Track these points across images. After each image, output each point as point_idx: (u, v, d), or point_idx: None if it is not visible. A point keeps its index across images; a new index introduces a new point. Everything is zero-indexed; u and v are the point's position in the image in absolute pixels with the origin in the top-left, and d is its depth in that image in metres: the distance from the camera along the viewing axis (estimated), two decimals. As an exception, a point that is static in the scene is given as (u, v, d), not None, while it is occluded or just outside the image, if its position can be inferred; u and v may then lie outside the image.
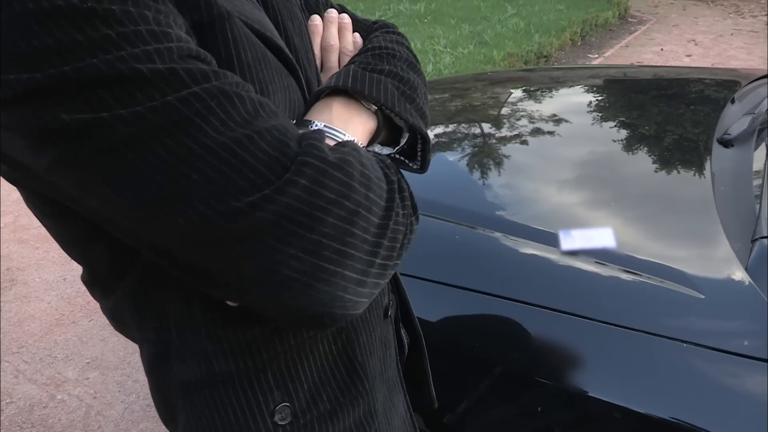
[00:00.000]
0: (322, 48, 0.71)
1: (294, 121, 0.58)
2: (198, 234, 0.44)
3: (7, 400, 2.16)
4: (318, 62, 0.71)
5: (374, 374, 0.73)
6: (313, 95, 0.62)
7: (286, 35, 0.65)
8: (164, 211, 0.44)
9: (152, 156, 0.42)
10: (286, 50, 0.59)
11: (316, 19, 0.72)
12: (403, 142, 0.66)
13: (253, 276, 0.47)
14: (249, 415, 0.63)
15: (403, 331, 0.90)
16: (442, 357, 1.10)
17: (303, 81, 0.62)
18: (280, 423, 0.64)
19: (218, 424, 0.64)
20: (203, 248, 0.46)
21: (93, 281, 0.64)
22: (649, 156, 1.56)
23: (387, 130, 0.65)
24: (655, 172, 1.48)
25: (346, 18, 0.74)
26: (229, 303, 0.56)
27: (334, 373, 0.68)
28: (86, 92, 0.41)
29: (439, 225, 1.31)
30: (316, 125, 0.58)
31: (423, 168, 0.67)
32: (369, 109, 0.62)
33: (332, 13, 0.73)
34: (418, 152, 0.67)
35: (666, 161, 1.52)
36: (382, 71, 0.64)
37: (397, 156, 0.67)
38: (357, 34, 0.74)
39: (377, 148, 0.65)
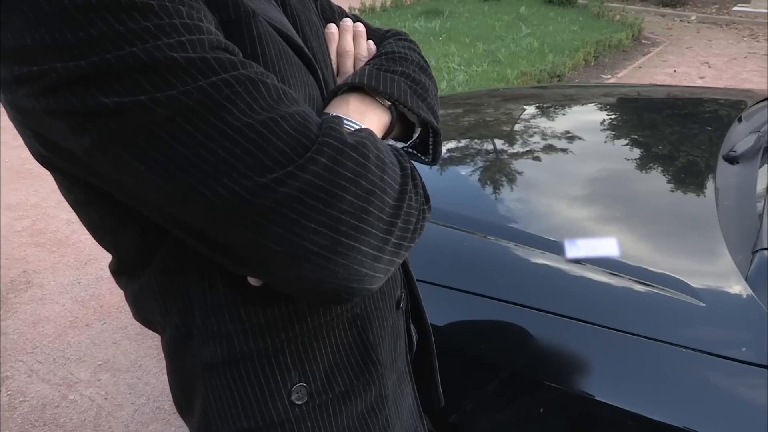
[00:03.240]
0: (339, 54, 0.75)
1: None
2: (225, 208, 0.48)
3: (21, 399, 2.19)
4: (334, 67, 0.74)
5: (385, 361, 0.75)
6: (331, 92, 0.66)
7: (305, 38, 0.69)
8: (195, 187, 0.47)
9: (185, 136, 0.46)
10: (306, 49, 0.63)
11: (332, 27, 0.76)
12: (415, 136, 0.71)
13: (276, 249, 0.50)
14: (267, 394, 0.66)
15: (412, 327, 0.92)
16: (449, 359, 1.12)
17: (321, 79, 0.66)
18: (296, 402, 0.67)
19: (237, 404, 0.66)
20: (230, 223, 0.49)
21: (120, 268, 0.67)
22: (657, 172, 1.59)
23: (400, 126, 0.70)
24: (662, 187, 1.52)
25: (360, 26, 0.78)
26: (252, 282, 0.58)
27: (349, 357, 0.71)
28: (126, 78, 0.45)
29: (449, 233, 1.34)
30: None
31: (434, 160, 0.72)
32: (383, 104, 0.66)
33: (348, 21, 0.78)
34: (429, 146, 0.72)
35: (673, 177, 1.55)
36: (395, 71, 0.69)
37: (410, 149, 0.72)
38: (371, 42, 0.78)
39: (390, 142, 0.69)
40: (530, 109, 2.24)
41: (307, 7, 0.73)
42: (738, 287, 1.10)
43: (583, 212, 1.43)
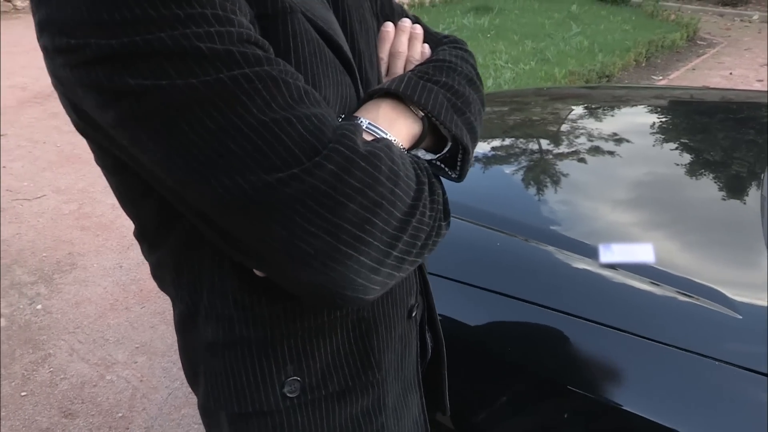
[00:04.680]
0: (390, 54, 0.74)
1: (343, 116, 0.61)
2: (230, 201, 0.49)
3: (62, 376, 2.25)
4: (384, 67, 0.74)
5: (388, 369, 0.75)
6: (367, 94, 0.65)
7: (352, 37, 0.68)
8: (203, 175, 0.48)
9: (198, 124, 0.47)
10: (346, 49, 0.63)
11: (389, 26, 0.75)
12: (445, 150, 0.68)
13: (276, 248, 0.50)
14: (260, 382, 0.67)
15: (428, 335, 0.91)
16: (474, 359, 1.13)
17: (359, 80, 0.66)
18: (288, 395, 0.68)
19: (231, 387, 0.68)
20: (235, 215, 0.50)
21: (142, 237, 0.69)
22: (705, 178, 1.54)
23: (433, 138, 0.67)
24: (708, 194, 1.46)
25: (418, 29, 0.77)
26: (257, 273, 0.59)
27: (348, 358, 0.70)
28: (152, 61, 0.46)
29: (484, 232, 1.32)
30: (362, 121, 0.60)
31: (460, 177, 0.69)
32: (416, 114, 0.64)
33: (406, 22, 0.76)
34: (458, 162, 0.69)
35: (721, 184, 1.50)
36: (437, 82, 0.67)
37: (438, 163, 0.69)
38: (426, 45, 0.77)
39: (421, 153, 0.67)
40: (577, 110, 2.19)
41: (362, 5, 0.72)
42: None
43: (624, 217, 1.39)
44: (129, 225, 2.98)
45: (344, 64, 0.63)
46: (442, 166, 0.69)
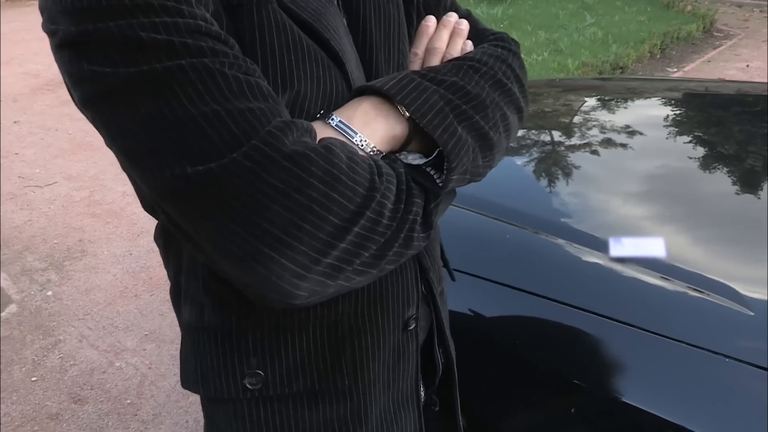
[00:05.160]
0: (427, 49, 0.71)
1: (322, 112, 0.59)
2: (162, 190, 0.50)
3: (71, 362, 2.27)
4: (419, 63, 0.71)
5: (373, 380, 0.72)
6: (354, 90, 0.62)
7: (364, 29, 0.66)
8: (139, 164, 0.51)
9: (133, 113, 0.48)
10: (335, 43, 0.60)
11: (430, 20, 0.72)
12: (433, 155, 0.62)
13: (203, 240, 0.51)
14: (222, 370, 0.68)
15: (439, 352, 0.86)
16: (482, 350, 1.12)
17: (351, 75, 0.62)
18: (249, 387, 0.68)
19: (198, 369, 0.70)
20: (167, 203, 0.51)
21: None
22: (718, 172, 1.52)
23: (424, 141, 0.62)
24: (722, 188, 1.44)
25: (463, 24, 0.73)
26: None
27: (318, 361, 0.68)
28: (101, 49, 0.48)
29: (493, 224, 1.31)
30: (332, 120, 0.58)
31: (442, 187, 0.61)
32: (403, 114, 0.60)
33: (451, 17, 0.73)
34: (444, 169, 0.61)
35: (735, 178, 1.48)
36: (441, 81, 0.62)
37: (429, 169, 0.62)
38: (469, 42, 0.73)
39: (410, 156, 0.62)
40: (590, 102, 2.16)
41: None
42: None
43: (636, 210, 1.37)
44: (139, 212, 2.99)
45: (334, 59, 0.60)
46: (432, 173, 0.61)
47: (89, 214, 3.30)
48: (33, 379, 2.20)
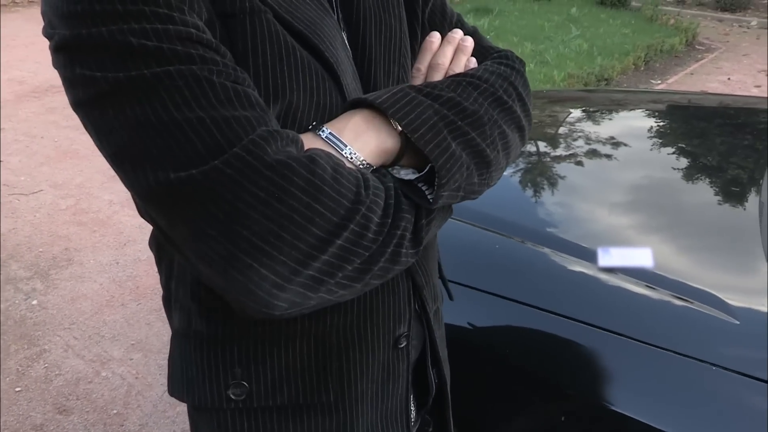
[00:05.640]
0: (430, 65, 0.71)
1: (315, 123, 0.59)
2: (144, 193, 0.51)
3: (56, 372, 2.25)
4: (421, 78, 0.70)
5: (361, 396, 0.71)
6: (348, 103, 0.62)
7: (363, 42, 0.66)
8: (124, 167, 0.51)
9: (121, 117, 0.49)
10: (329, 54, 0.60)
11: (435, 36, 0.72)
12: (424, 171, 0.61)
13: (183, 244, 0.52)
14: (207, 379, 0.68)
15: (433, 372, 0.85)
16: (472, 359, 1.13)
17: (346, 87, 0.62)
18: (233, 397, 0.68)
19: (184, 377, 0.70)
20: (150, 206, 0.52)
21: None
22: (702, 183, 1.55)
23: (418, 156, 0.60)
24: (706, 199, 1.47)
25: (468, 41, 0.72)
26: None
27: (303, 375, 0.68)
28: (93, 53, 0.49)
29: (482, 234, 1.32)
30: (323, 131, 0.58)
31: (432, 203, 0.59)
32: (396, 128, 0.60)
33: (456, 33, 0.72)
34: (434, 185, 0.60)
35: (718, 189, 1.51)
36: (437, 97, 0.62)
37: (420, 185, 0.61)
38: (473, 59, 0.72)
39: (403, 171, 0.61)
40: (575, 113, 2.19)
41: (387, 9, 0.69)
42: None
43: (621, 220, 1.39)
44: (126, 221, 2.97)
45: (327, 69, 0.60)
46: (424, 188, 0.60)
47: (75, 222, 3.27)
48: (17, 389, 2.17)
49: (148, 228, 0.66)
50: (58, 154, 4.07)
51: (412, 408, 0.83)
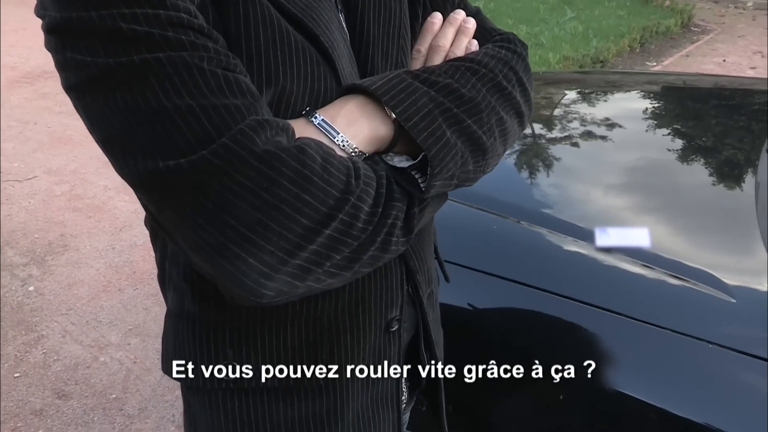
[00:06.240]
0: (430, 47, 0.69)
1: (308, 108, 0.58)
2: (134, 180, 0.51)
3: (55, 358, 2.25)
4: (421, 61, 0.69)
5: (352, 378, 0.72)
6: (343, 88, 0.61)
7: (362, 25, 0.65)
8: (114, 153, 0.51)
9: (111, 103, 0.49)
10: (324, 39, 0.59)
11: (436, 17, 0.70)
12: (418, 159, 0.60)
13: (173, 231, 0.52)
14: (198, 359, 0.69)
15: (426, 354, 0.85)
16: (467, 338, 1.13)
17: (342, 72, 0.61)
18: (224, 378, 0.69)
19: (176, 355, 0.71)
20: (140, 193, 0.52)
21: None
22: (697, 164, 1.56)
23: (412, 143, 0.59)
24: (702, 179, 1.48)
25: (470, 23, 0.70)
26: None
27: (294, 357, 0.68)
28: (84, 38, 0.48)
29: (479, 215, 1.32)
30: (315, 118, 0.57)
31: (425, 192, 0.58)
32: (389, 116, 0.59)
33: (458, 14, 0.70)
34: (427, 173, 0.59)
35: (713, 170, 1.52)
36: (434, 83, 0.61)
37: (414, 173, 0.60)
38: (474, 41, 0.70)
39: (396, 159, 0.60)
40: (571, 95, 2.19)
41: None
42: None
43: (618, 201, 1.40)
44: (122, 206, 2.96)
45: (322, 53, 0.59)
46: (417, 176, 0.59)
47: (70, 208, 3.26)
48: (16, 375, 2.18)
49: (144, 213, 0.65)
50: (51, 140, 4.05)
51: (404, 390, 0.83)
